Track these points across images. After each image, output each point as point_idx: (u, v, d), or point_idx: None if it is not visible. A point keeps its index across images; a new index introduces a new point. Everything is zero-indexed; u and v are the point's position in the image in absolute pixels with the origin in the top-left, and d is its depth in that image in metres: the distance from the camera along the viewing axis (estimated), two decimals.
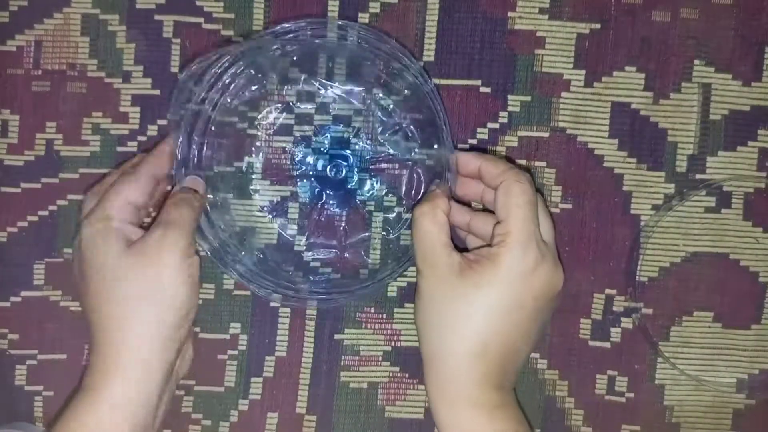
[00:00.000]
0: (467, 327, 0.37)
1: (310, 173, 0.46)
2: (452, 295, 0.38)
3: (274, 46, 0.42)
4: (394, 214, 0.46)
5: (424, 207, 0.39)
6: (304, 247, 0.46)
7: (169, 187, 0.42)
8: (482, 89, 0.46)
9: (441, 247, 0.38)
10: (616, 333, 0.46)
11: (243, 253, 0.44)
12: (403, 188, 0.46)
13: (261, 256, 0.45)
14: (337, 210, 0.46)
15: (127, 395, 0.37)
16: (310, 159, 0.46)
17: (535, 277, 0.38)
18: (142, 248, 0.38)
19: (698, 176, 0.46)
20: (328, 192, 0.46)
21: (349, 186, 0.46)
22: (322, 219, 0.46)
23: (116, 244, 0.38)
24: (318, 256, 0.46)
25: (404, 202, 0.46)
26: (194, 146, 0.43)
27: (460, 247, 0.40)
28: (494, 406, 0.37)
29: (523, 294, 0.38)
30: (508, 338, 0.38)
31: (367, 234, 0.46)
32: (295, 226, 0.46)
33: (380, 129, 0.45)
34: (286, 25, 0.41)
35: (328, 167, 0.46)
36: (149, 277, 0.37)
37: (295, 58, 0.44)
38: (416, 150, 0.45)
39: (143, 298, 0.37)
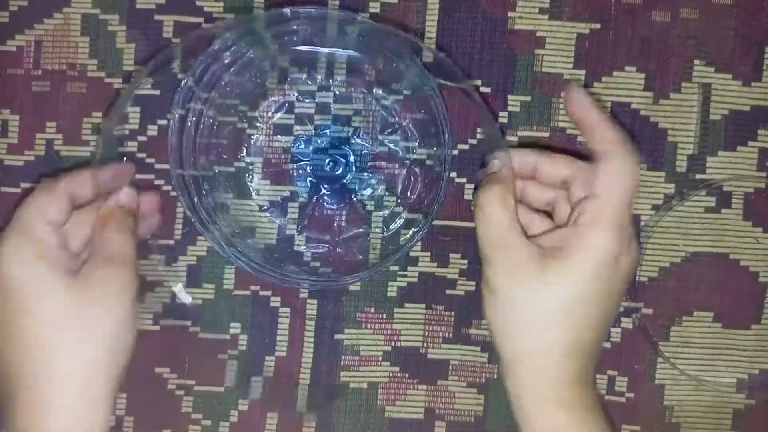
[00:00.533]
0: (559, 323, 0.34)
1: (309, 168, 0.46)
2: (536, 288, 0.34)
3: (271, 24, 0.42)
4: (389, 212, 0.46)
5: (492, 190, 0.35)
6: (304, 247, 0.46)
7: (155, 198, 0.41)
8: (482, 89, 0.46)
9: (514, 235, 0.35)
10: (616, 333, 0.46)
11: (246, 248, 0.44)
12: (400, 186, 0.46)
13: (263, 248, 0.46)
14: (332, 205, 0.46)
15: None
16: (309, 149, 0.46)
17: (623, 262, 0.34)
18: (82, 286, 0.34)
19: (698, 176, 0.46)
20: (324, 186, 0.46)
21: (345, 182, 0.46)
22: (317, 213, 0.46)
23: (53, 277, 0.34)
24: (311, 250, 0.46)
25: (400, 200, 0.46)
26: (189, 146, 0.43)
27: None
28: (588, 407, 0.35)
29: (613, 280, 0.34)
30: (599, 331, 0.35)
31: (360, 230, 0.46)
32: (295, 226, 0.46)
33: (380, 128, 0.46)
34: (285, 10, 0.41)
35: (327, 160, 0.46)
36: (98, 318, 0.34)
37: (296, 45, 0.44)
38: (416, 149, 0.46)
39: (91, 341, 0.34)
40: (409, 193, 0.46)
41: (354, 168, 0.46)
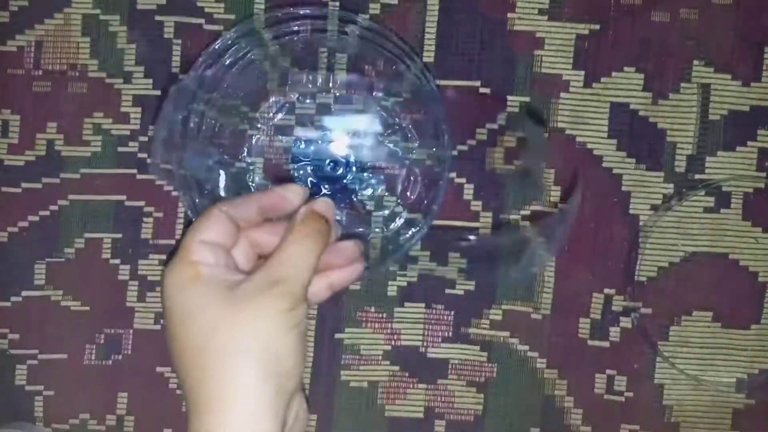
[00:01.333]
0: None
1: (309, 168, 0.46)
2: None
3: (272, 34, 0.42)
4: (389, 212, 0.46)
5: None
6: None
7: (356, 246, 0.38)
8: (482, 90, 0.46)
9: None
10: (615, 332, 0.47)
11: None
12: (400, 186, 0.46)
13: None
14: None
15: None
16: (310, 149, 0.46)
17: None
18: (240, 297, 0.33)
19: (697, 176, 0.46)
20: (325, 186, 0.46)
21: (345, 182, 0.46)
22: None
23: (208, 293, 0.33)
24: None
25: (400, 200, 0.46)
26: (191, 146, 0.43)
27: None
28: None
29: None
30: None
31: (360, 230, 0.46)
32: None
33: (380, 129, 0.46)
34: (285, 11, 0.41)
35: (327, 161, 0.46)
36: (247, 331, 0.32)
37: (299, 46, 0.44)
38: (415, 150, 0.46)
39: (243, 353, 0.32)
40: (409, 193, 0.46)
41: (354, 168, 0.46)
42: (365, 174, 0.46)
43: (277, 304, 0.33)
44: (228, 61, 0.43)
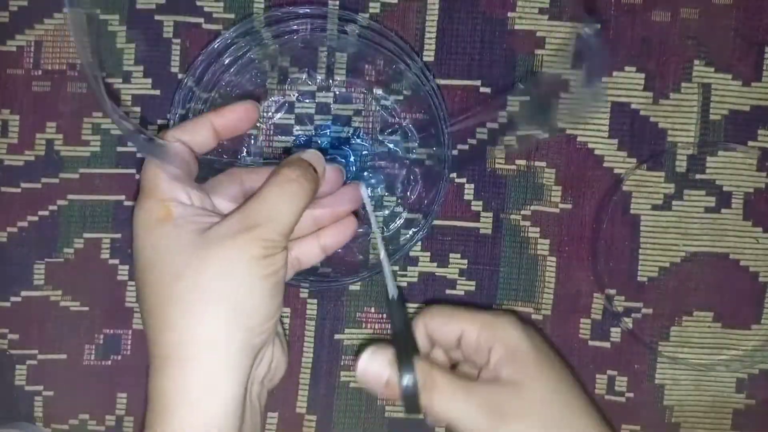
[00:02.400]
0: None
1: None
2: None
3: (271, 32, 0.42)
4: (389, 212, 0.46)
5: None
6: None
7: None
8: (482, 89, 0.46)
9: None
10: (615, 333, 0.46)
11: None
12: (400, 186, 0.46)
13: None
14: None
15: (195, 422, 0.29)
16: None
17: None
18: (209, 240, 0.30)
19: (698, 176, 0.46)
20: None
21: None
22: None
23: (177, 236, 0.31)
24: None
25: (400, 200, 0.46)
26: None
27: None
28: None
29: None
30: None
31: (360, 230, 0.46)
32: None
33: (380, 128, 0.46)
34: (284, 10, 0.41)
35: (327, 159, 0.45)
36: (214, 278, 0.30)
37: (298, 45, 0.44)
38: (415, 149, 0.46)
39: (206, 303, 0.30)
40: (409, 193, 0.46)
41: (354, 168, 0.46)
42: (365, 173, 0.46)
43: (250, 250, 0.30)
44: (227, 60, 0.43)
